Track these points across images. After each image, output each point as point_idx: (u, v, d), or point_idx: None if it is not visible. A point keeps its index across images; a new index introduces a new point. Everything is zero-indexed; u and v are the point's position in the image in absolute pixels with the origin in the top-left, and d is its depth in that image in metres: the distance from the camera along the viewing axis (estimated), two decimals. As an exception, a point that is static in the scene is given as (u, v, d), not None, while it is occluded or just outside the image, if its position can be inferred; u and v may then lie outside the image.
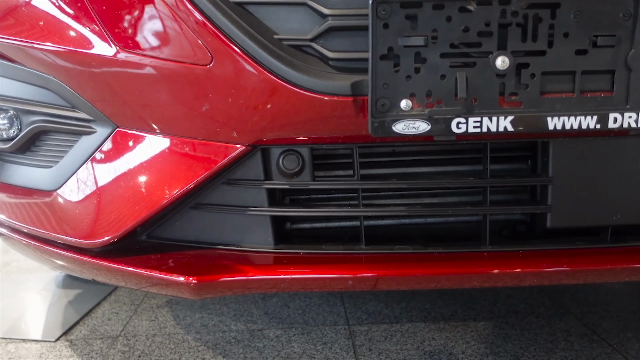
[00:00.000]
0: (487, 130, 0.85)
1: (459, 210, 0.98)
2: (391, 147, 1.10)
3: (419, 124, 0.85)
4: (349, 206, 0.98)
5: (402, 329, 1.50)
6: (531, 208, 0.95)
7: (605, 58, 0.85)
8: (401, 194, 1.12)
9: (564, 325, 1.49)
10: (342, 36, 0.88)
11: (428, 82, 0.85)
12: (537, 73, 0.85)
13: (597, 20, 0.84)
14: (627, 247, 0.95)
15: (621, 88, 0.86)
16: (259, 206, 0.97)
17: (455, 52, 0.85)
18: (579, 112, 0.86)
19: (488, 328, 1.49)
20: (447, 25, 0.83)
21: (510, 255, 0.93)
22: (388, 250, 0.95)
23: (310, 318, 1.59)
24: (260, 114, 0.89)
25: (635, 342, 1.39)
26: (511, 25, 0.84)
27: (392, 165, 1.12)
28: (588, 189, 0.93)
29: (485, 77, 0.85)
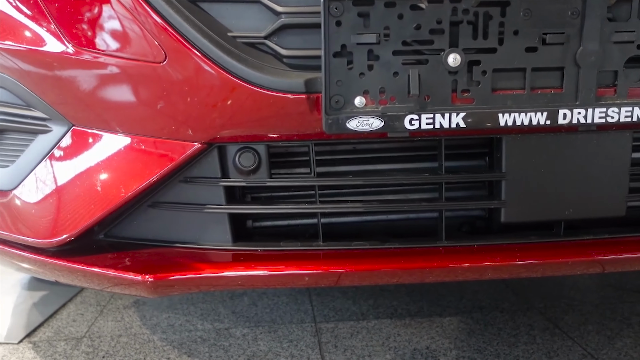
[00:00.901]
0: (439, 126, 0.86)
1: (414, 207, 0.99)
2: (352, 144, 1.11)
3: (373, 121, 0.86)
4: (306, 203, 0.98)
5: (369, 325, 1.51)
6: (485, 203, 0.97)
7: (555, 55, 0.86)
8: (363, 191, 1.13)
9: (527, 319, 1.52)
10: (296, 34, 0.89)
11: (381, 79, 0.86)
12: (488, 70, 0.86)
13: (546, 18, 0.85)
14: (579, 241, 0.97)
15: (570, 85, 0.88)
16: (216, 204, 0.96)
17: (407, 50, 0.85)
18: (530, 109, 0.87)
19: (453, 323, 1.51)
20: (399, 23, 0.84)
21: (465, 250, 0.95)
22: (345, 246, 0.96)
23: (277, 316, 1.59)
24: (215, 112, 0.88)
25: (595, 335, 1.42)
26: (462, 23, 0.85)
27: (353, 163, 1.12)
28: (541, 184, 0.94)
29: (438, 74, 0.86)
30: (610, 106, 0.88)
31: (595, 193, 0.95)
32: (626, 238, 0.98)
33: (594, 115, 0.88)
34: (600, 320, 1.50)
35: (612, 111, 0.88)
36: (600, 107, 0.88)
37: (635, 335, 1.41)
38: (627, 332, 1.43)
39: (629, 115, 0.88)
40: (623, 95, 0.89)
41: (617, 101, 0.88)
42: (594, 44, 0.86)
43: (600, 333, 1.43)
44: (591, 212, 0.96)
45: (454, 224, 1.11)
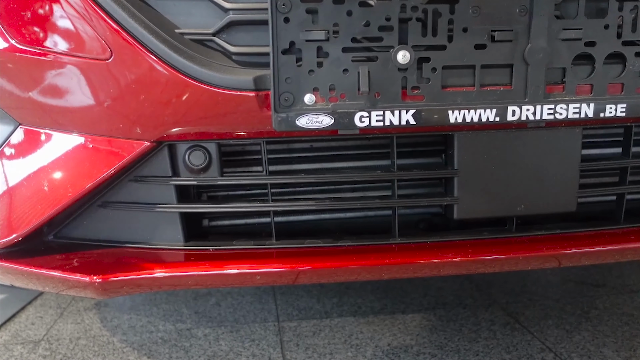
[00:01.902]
0: (389, 123, 0.86)
1: (367, 204, 0.98)
2: (310, 142, 1.10)
3: (323, 118, 0.85)
4: (258, 202, 0.97)
5: (332, 323, 1.51)
6: (438, 200, 0.97)
7: (504, 52, 0.87)
8: (320, 189, 1.12)
9: (489, 315, 1.53)
10: (245, 30, 0.87)
11: (331, 76, 0.85)
12: (438, 67, 0.86)
13: (495, 15, 0.85)
14: (531, 237, 0.97)
15: (519, 82, 0.88)
16: (167, 203, 0.95)
17: (357, 47, 0.85)
18: (480, 105, 0.87)
19: (415, 320, 1.51)
20: (348, 20, 0.83)
21: (418, 247, 0.95)
22: (298, 244, 0.95)
23: (240, 316, 1.58)
24: (163, 110, 0.87)
25: (555, 329, 1.43)
26: (411, 20, 0.84)
27: (311, 161, 1.12)
28: (493, 181, 0.95)
29: (388, 72, 0.86)
30: (558, 103, 0.89)
31: (546, 189, 0.96)
32: (577, 233, 0.99)
33: (542, 112, 0.88)
34: (560, 315, 1.51)
35: (560, 108, 0.89)
36: (548, 104, 0.88)
37: (594, 329, 1.43)
38: (585, 325, 1.45)
39: (577, 112, 0.89)
40: (571, 92, 0.89)
41: (565, 98, 0.89)
42: (542, 42, 0.86)
43: (560, 327, 1.44)
44: (543, 208, 0.97)
45: (411, 221, 1.12)
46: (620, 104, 0.90)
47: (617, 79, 0.90)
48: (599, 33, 0.88)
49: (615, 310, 1.53)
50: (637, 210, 1.11)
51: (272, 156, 1.05)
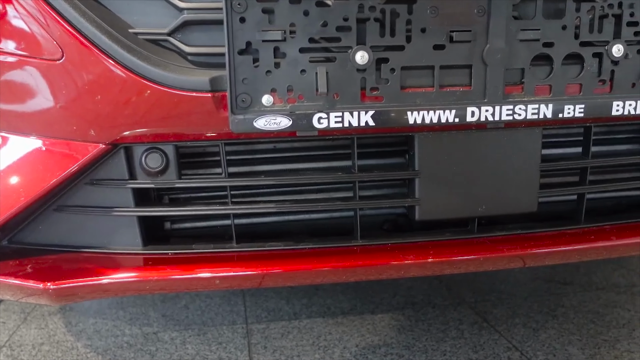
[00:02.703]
0: (348, 125, 0.85)
1: (329, 206, 0.97)
2: (273, 143, 1.09)
3: (281, 120, 0.84)
4: (218, 204, 0.96)
5: (300, 325, 1.50)
6: (400, 202, 0.96)
7: (462, 53, 0.86)
8: (284, 191, 1.11)
9: (457, 314, 1.53)
10: (201, 30, 0.86)
11: (289, 77, 0.84)
12: (396, 68, 0.86)
13: (453, 16, 0.85)
14: (492, 237, 0.97)
15: (479, 82, 0.88)
16: (124, 207, 0.93)
17: (314, 47, 0.84)
18: (439, 106, 0.87)
19: (384, 320, 1.51)
20: (305, 20, 0.82)
21: (380, 248, 0.94)
22: (259, 247, 0.94)
23: (208, 318, 1.56)
24: (117, 112, 0.85)
25: (522, 328, 1.44)
26: (369, 20, 0.84)
27: (275, 162, 1.11)
28: (454, 182, 0.94)
29: (346, 72, 0.85)
30: (517, 104, 0.88)
31: (507, 190, 0.96)
32: (538, 233, 0.99)
33: (501, 112, 0.88)
34: (528, 313, 1.52)
35: (519, 109, 0.89)
36: (507, 105, 0.88)
37: (560, 327, 1.44)
38: (551, 323, 1.46)
39: (536, 113, 0.89)
40: (530, 93, 0.90)
41: (524, 99, 0.89)
42: (500, 42, 0.86)
43: (527, 326, 1.45)
44: (504, 208, 0.97)
45: (377, 222, 1.11)
46: (579, 105, 0.90)
47: (576, 79, 0.91)
48: (556, 34, 0.88)
49: (581, 308, 1.55)
50: (599, 209, 1.12)
51: (233, 157, 1.04)
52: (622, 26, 0.90)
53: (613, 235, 0.98)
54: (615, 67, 0.91)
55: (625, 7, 0.89)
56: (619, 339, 1.37)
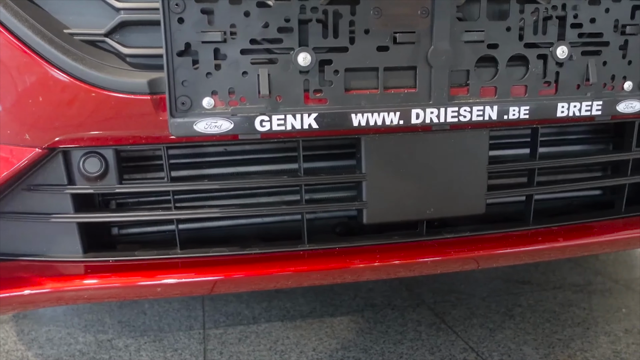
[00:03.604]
0: (291, 127, 0.84)
1: (275, 210, 0.96)
2: (223, 146, 1.07)
3: (222, 123, 0.82)
4: (161, 210, 0.94)
5: (258, 329, 1.48)
6: (347, 205, 0.95)
7: (407, 54, 0.86)
8: (236, 194, 1.09)
9: (416, 315, 1.53)
10: (139, 31, 0.84)
11: (230, 79, 0.82)
12: (340, 69, 0.84)
13: (397, 17, 0.84)
14: (440, 240, 0.97)
15: (424, 84, 0.87)
16: (63, 213, 0.90)
17: (256, 49, 0.82)
18: (383, 109, 0.86)
19: (343, 323, 1.50)
20: (245, 21, 0.81)
21: (327, 253, 0.93)
22: (203, 253, 0.92)
23: (165, 324, 1.53)
24: (53, 115, 0.82)
25: (479, 328, 1.44)
26: (312, 21, 0.82)
27: (225, 165, 1.09)
28: (401, 184, 0.93)
29: (289, 74, 0.83)
30: (462, 105, 0.88)
31: (455, 192, 0.96)
32: (487, 235, 0.99)
33: (446, 114, 0.88)
34: (485, 313, 1.53)
35: (464, 110, 0.88)
36: (452, 107, 0.88)
37: (516, 327, 1.45)
38: (508, 323, 1.47)
39: (481, 115, 0.89)
40: (475, 95, 0.89)
41: (469, 100, 0.89)
42: (445, 44, 0.86)
43: (484, 326, 1.46)
44: (452, 211, 0.97)
45: (328, 224, 1.10)
46: (524, 106, 0.90)
47: (521, 81, 0.91)
48: (501, 35, 0.88)
49: (538, 307, 1.56)
50: (550, 210, 1.13)
51: (180, 161, 1.02)
52: (566, 28, 0.90)
53: (561, 237, 0.99)
54: (560, 69, 0.91)
55: (569, 8, 0.89)
56: (573, 338, 1.38)
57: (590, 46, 0.92)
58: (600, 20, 0.91)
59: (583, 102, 0.92)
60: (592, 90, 0.93)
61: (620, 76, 0.94)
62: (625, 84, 0.95)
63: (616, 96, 0.94)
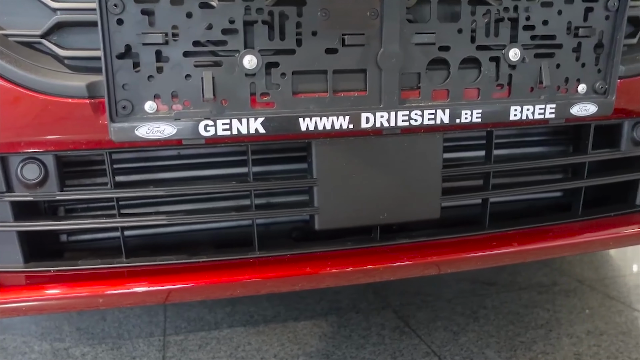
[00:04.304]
0: (237, 132, 0.81)
1: (223, 217, 0.93)
2: (176, 149, 1.04)
3: (164, 127, 0.79)
4: (104, 217, 0.90)
5: (220, 335, 1.45)
6: (298, 211, 0.93)
7: (356, 57, 0.84)
8: (190, 199, 1.07)
9: (380, 319, 1.51)
10: (77, 32, 0.81)
11: (173, 82, 0.79)
12: (287, 72, 0.82)
13: (345, 18, 0.82)
14: (394, 246, 0.95)
15: (374, 87, 0.85)
16: (3, 221, 0.86)
17: (199, 51, 0.80)
18: (332, 112, 0.84)
19: (307, 328, 1.48)
20: (188, 22, 0.78)
21: (278, 260, 0.91)
22: (149, 262, 0.89)
23: (125, 331, 1.50)
24: (-14, 119, 0.79)
25: (443, 331, 1.43)
26: (257, 23, 0.80)
27: (178, 169, 1.06)
28: (354, 190, 0.92)
29: (234, 77, 0.81)
30: (413, 109, 0.87)
31: (409, 196, 0.94)
32: (442, 240, 0.98)
33: (397, 118, 0.86)
34: (450, 316, 1.52)
35: (415, 114, 0.87)
36: (403, 110, 0.86)
37: (480, 330, 1.44)
38: (472, 326, 1.46)
39: (433, 118, 0.87)
40: (427, 98, 0.88)
41: (421, 104, 0.87)
42: (395, 46, 0.84)
43: (448, 329, 1.45)
44: (406, 216, 0.95)
45: (285, 229, 1.08)
46: (476, 110, 0.89)
47: (473, 84, 0.89)
48: (452, 37, 0.86)
49: (502, 309, 1.55)
50: (509, 213, 1.12)
51: (129, 165, 0.99)
52: (519, 30, 0.89)
53: (516, 241, 0.98)
54: (512, 72, 0.90)
55: (521, 10, 0.88)
56: (535, 341, 1.38)
57: (543, 48, 0.91)
58: (553, 22, 0.90)
59: (536, 105, 0.91)
60: (546, 93, 0.92)
61: (574, 79, 0.93)
62: (579, 86, 0.94)
63: (570, 99, 0.93)
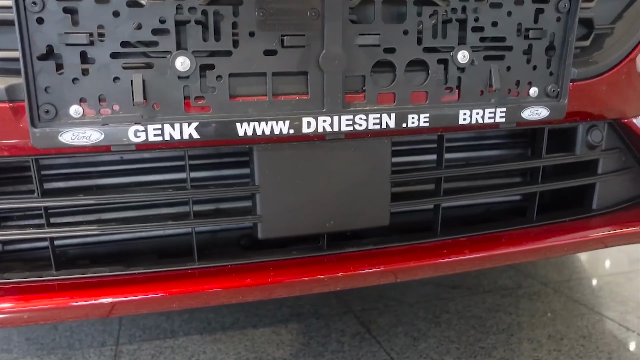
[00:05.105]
0: (169, 138, 0.77)
1: (159, 226, 0.89)
2: (119, 154, 1.00)
3: (91, 133, 0.75)
4: (31, 227, 0.86)
5: (175, 344, 1.41)
6: (239, 219, 0.89)
7: (297, 59, 0.80)
8: (131, 206, 1.02)
9: (341, 325, 1.48)
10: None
11: (100, 85, 0.75)
12: (224, 75, 0.78)
13: (285, 19, 0.79)
14: (341, 254, 0.92)
15: (316, 91, 0.82)
16: None
17: (128, 52, 0.75)
18: (272, 117, 0.80)
19: (265, 335, 1.44)
20: (115, 22, 0.74)
21: (219, 271, 0.86)
22: (80, 275, 0.84)
23: (76, 340, 1.44)
24: None
25: (403, 337, 1.41)
26: (190, 23, 0.76)
27: (121, 175, 1.02)
28: (298, 197, 0.88)
29: (167, 80, 0.77)
30: (358, 113, 0.83)
31: (357, 203, 0.91)
32: (391, 248, 0.94)
33: (340, 123, 0.82)
34: (412, 321, 1.49)
35: (359, 119, 0.83)
36: (347, 115, 0.83)
37: (441, 335, 1.41)
38: (433, 331, 1.43)
39: (378, 123, 0.84)
40: (373, 102, 0.84)
41: (366, 108, 0.84)
42: (337, 48, 0.80)
43: (408, 335, 1.42)
44: (354, 223, 0.92)
45: (233, 237, 1.04)
46: (424, 114, 0.86)
47: (421, 87, 0.86)
48: (398, 39, 0.83)
49: (465, 313, 1.53)
50: (465, 218, 1.09)
51: (63, 172, 0.94)
52: (467, 31, 0.86)
53: (467, 249, 0.95)
54: (461, 74, 0.87)
55: (470, 11, 0.85)
56: (496, 346, 1.35)
57: (492, 50, 0.88)
58: (503, 24, 0.87)
59: (486, 109, 0.88)
60: (496, 97, 0.89)
61: (525, 82, 0.90)
62: (531, 89, 0.91)
63: (521, 102, 0.90)
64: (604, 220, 1.05)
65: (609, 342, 1.37)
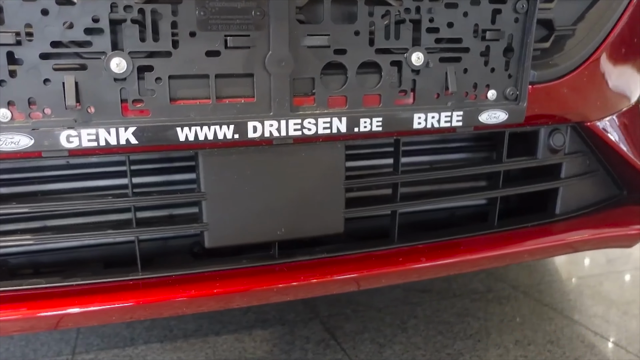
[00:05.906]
0: (105, 144, 0.73)
1: (101, 234, 0.85)
2: (64, 158, 0.95)
3: (20, 138, 0.71)
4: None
5: (133, 353, 1.36)
6: (184, 227, 0.85)
7: (241, 60, 0.76)
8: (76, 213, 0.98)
9: (307, 331, 1.45)
10: None
11: (30, 87, 0.71)
12: (163, 77, 0.74)
13: (228, 18, 0.75)
14: (292, 263, 0.88)
15: (262, 94, 0.78)
16: None
17: (59, 52, 0.71)
18: (216, 121, 0.77)
19: (227, 342, 1.40)
20: (44, 20, 0.69)
21: (163, 281, 0.82)
22: (15, 286, 0.80)
23: (31, 350, 1.39)
24: None
25: (369, 344, 1.38)
26: (126, 22, 0.72)
27: (71, 179, 0.98)
28: (247, 204, 0.84)
29: (102, 82, 0.73)
30: (307, 117, 0.80)
31: (309, 210, 0.87)
32: (346, 256, 0.91)
33: (288, 127, 0.79)
34: (378, 327, 1.46)
35: (308, 123, 0.80)
36: (295, 119, 0.79)
37: (407, 341, 1.39)
38: (400, 337, 1.40)
39: (328, 127, 0.81)
40: (323, 105, 0.81)
41: (316, 112, 0.81)
42: (284, 49, 0.77)
43: (374, 341, 1.39)
44: (307, 231, 0.88)
45: (186, 244, 1.00)
46: (376, 118, 0.82)
47: (374, 90, 0.83)
48: (349, 40, 0.80)
49: (433, 318, 1.50)
50: (424, 223, 1.06)
51: (3, 177, 0.90)
52: (422, 33, 0.83)
53: (424, 256, 0.92)
54: (416, 77, 0.84)
55: (424, 12, 0.82)
56: (462, 353, 1.33)
57: (448, 52, 0.85)
58: (459, 25, 0.84)
59: (442, 113, 0.85)
60: (453, 100, 0.86)
61: (483, 84, 0.88)
62: (489, 92, 0.88)
63: (479, 106, 0.87)
64: (567, 226, 1.02)
65: (576, 347, 1.36)
